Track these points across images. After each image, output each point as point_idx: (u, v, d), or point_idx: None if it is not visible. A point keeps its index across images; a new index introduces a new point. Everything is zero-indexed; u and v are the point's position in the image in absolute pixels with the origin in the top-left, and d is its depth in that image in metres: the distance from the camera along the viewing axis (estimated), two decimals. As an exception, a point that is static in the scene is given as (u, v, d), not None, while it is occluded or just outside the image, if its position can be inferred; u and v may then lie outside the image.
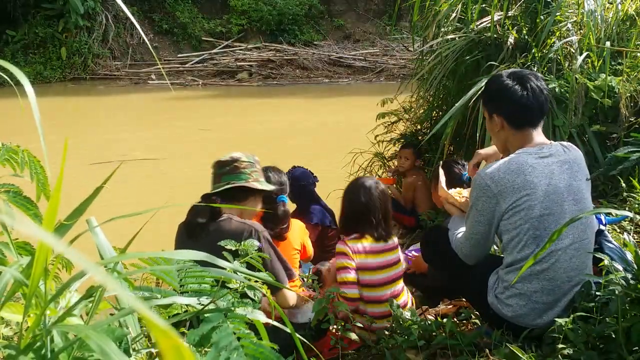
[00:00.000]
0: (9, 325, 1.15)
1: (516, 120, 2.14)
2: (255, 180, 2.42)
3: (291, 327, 1.11)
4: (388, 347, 2.20)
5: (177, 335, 0.50)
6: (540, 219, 2.03)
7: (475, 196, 2.13)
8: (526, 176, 2.04)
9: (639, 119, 3.66)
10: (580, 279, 2.08)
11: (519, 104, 2.12)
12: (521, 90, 2.12)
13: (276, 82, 15.50)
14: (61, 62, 15.27)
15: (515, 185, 2.04)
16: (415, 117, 4.73)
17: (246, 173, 2.41)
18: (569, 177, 2.09)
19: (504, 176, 2.06)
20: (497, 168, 2.09)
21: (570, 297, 2.07)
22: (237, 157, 2.44)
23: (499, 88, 2.17)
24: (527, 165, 2.06)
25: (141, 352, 1.09)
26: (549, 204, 2.04)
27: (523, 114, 2.14)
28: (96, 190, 1.09)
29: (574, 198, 2.08)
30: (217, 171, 2.45)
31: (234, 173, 2.40)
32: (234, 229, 2.25)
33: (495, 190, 2.06)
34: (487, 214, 2.10)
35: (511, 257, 2.09)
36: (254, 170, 2.44)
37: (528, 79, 2.14)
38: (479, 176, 2.12)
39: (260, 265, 1.38)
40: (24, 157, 1.57)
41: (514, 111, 2.14)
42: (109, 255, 1.11)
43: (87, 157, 7.26)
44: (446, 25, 4.28)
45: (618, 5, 3.87)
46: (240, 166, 2.41)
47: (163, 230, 2.65)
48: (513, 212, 2.05)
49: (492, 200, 2.07)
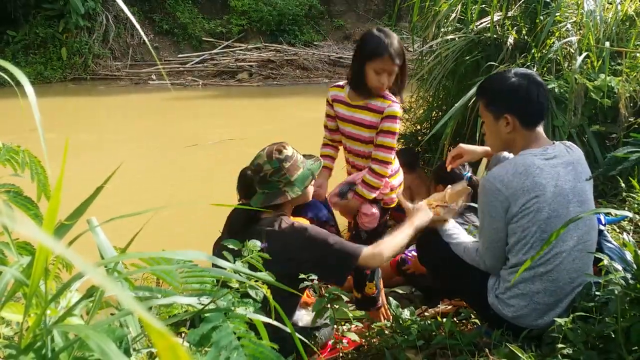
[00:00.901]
0: (9, 325, 1.16)
1: (530, 119, 2.12)
2: (285, 185, 2.32)
3: (291, 328, 1.12)
4: (388, 346, 2.21)
5: (173, 336, 0.51)
6: (547, 222, 2.03)
7: (487, 202, 2.10)
8: (535, 178, 2.03)
9: (638, 119, 3.66)
10: (582, 280, 2.08)
11: (536, 102, 2.10)
12: (536, 88, 2.10)
13: (276, 82, 15.50)
14: (62, 62, 15.27)
15: (525, 188, 2.03)
16: (415, 117, 4.73)
17: (274, 181, 2.31)
18: (574, 179, 2.09)
19: (512, 179, 2.05)
20: (504, 171, 2.07)
21: (572, 298, 2.07)
22: (261, 164, 2.33)
23: (511, 87, 2.14)
24: (535, 167, 2.05)
25: (141, 352, 1.09)
26: (556, 206, 2.04)
27: (538, 112, 2.13)
28: (96, 190, 1.10)
29: (578, 200, 2.08)
30: (248, 182, 2.36)
31: (265, 182, 2.32)
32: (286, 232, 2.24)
33: (506, 193, 2.05)
34: (502, 218, 2.08)
35: (516, 259, 2.08)
36: (282, 175, 2.31)
37: (535, 76, 2.14)
38: (487, 181, 2.10)
39: (261, 265, 1.38)
40: (25, 157, 1.57)
41: (529, 110, 2.12)
42: (110, 255, 1.11)
43: (87, 157, 7.26)
44: (446, 25, 4.28)
45: (617, 6, 3.87)
46: (267, 175, 2.31)
47: (163, 230, 2.65)
48: (522, 215, 2.04)
49: (505, 204, 2.06)
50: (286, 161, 2.33)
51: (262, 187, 2.33)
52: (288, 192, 2.32)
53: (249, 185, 2.36)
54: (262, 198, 2.31)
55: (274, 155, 2.33)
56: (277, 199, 2.30)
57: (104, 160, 7.23)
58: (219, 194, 5.70)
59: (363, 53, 2.55)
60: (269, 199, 2.31)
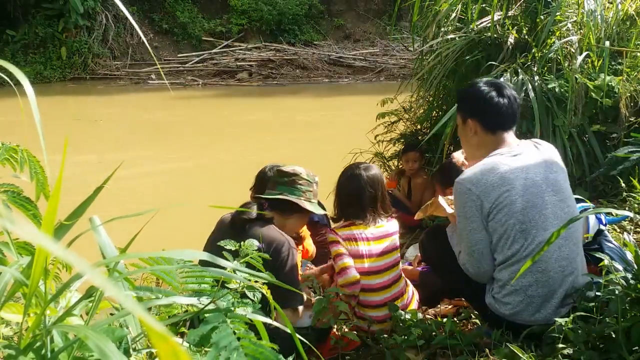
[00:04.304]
0: (9, 325, 1.15)
1: (491, 125, 2.23)
2: (307, 199, 2.45)
3: (291, 328, 1.11)
4: (388, 346, 2.21)
5: (173, 337, 0.50)
6: (523, 212, 2.08)
7: (461, 204, 2.17)
8: (502, 173, 2.11)
9: (639, 118, 3.66)
10: (573, 267, 2.11)
11: (495, 109, 2.22)
12: (497, 97, 2.22)
13: (276, 82, 15.49)
14: (61, 61, 15.26)
15: (494, 184, 2.10)
16: (415, 117, 4.72)
17: (301, 190, 2.44)
18: (545, 170, 2.16)
19: (481, 177, 2.12)
20: (473, 172, 2.16)
21: (566, 288, 2.09)
22: (299, 172, 2.47)
23: (476, 94, 2.28)
24: (502, 164, 2.13)
25: (141, 352, 1.09)
26: (530, 197, 2.10)
27: (498, 119, 2.23)
28: (96, 190, 1.09)
29: (552, 189, 2.14)
30: (275, 178, 2.50)
31: (290, 186, 2.44)
32: (269, 236, 2.28)
33: (476, 192, 2.11)
34: (478, 219, 2.13)
35: (502, 255, 2.12)
36: (309, 190, 2.46)
37: (503, 87, 2.26)
38: (458, 184, 2.18)
39: (261, 265, 1.38)
40: (24, 157, 1.57)
41: (489, 116, 2.23)
42: (112, 254, 1.11)
43: (87, 157, 7.26)
44: (446, 25, 4.28)
45: (618, 5, 3.86)
46: (298, 181, 2.44)
47: (163, 231, 2.65)
48: (497, 210, 2.09)
49: (477, 203, 2.12)
50: (316, 185, 2.54)
51: (284, 189, 2.43)
52: (305, 202, 2.43)
53: (272, 181, 2.50)
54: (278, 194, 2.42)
55: (311, 174, 2.52)
56: (296, 200, 2.42)
57: (103, 160, 7.23)
58: (218, 194, 5.70)
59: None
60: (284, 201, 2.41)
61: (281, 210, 2.42)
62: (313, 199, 2.49)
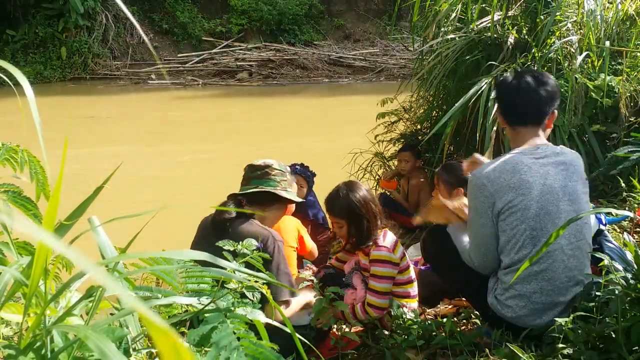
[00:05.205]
0: (9, 325, 1.15)
1: (511, 118, 2.19)
2: (283, 189, 2.46)
3: (291, 328, 1.11)
4: (388, 346, 2.20)
5: (176, 335, 0.50)
6: (536, 219, 2.03)
7: (473, 196, 2.14)
8: (522, 175, 2.06)
9: (639, 118, 3.66)
10: (580, 279, 2.07)
11: (510, 101, 2.18)
12: (515, 88, 2.16)
13: (276, 82, 15.50)
14: (61, 61, 15.27)
15: (510, 185, 2.05)
16: (415, 117, 4.72)
17: (276, 180, 2.46)
18: (564, 178, 2.10)
19: (499, 175, 2.08)
20: (492, 168, 2.11)
21: (570, 298, 2.06)
22: (269, 163, 2.49)
23: (498, 84, 2.26)
24: (523, 165, 2.07)
25: (141, 352, 1.09)
26: (545, 203, 2.05)
27: (514, 112, 2.18)
28: (96, 190, 1.09)
29: (569, 198, 2.08)
30: (248, 174, 2.50)
31: (263, 178, 2.45)
32: (252, 232, 2.27)
33: (491, 189, 2.07)
34: (488, 215, 2.10)
35: (509, 259, 2.09)
36: (283, 179, 2.48)
37: (525, 76, 2.17)
38: (474, 177, 2.14)
39: (261, 265, 1.38)
40: (24, 157, 1.57)
41: (510, 108, 2.20)
42: (111, 255, 1.11)
43: (87, 157, 7.26)
44: (446, 25, 4.28)
45: (618, 5, 3.87)
46: (271, 172, 2.46)
47: (163, 231, 2.65)
48: (509, 213, 2.05)
49: (490, 200, 2.08)
50: (290, 174, 2.56)
51: (258, 182, 2.44)
52: (282, 191, 2.45)
53: (245, 177, 2.49)
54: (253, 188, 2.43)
55: (282, 164, 2.53)
56: (273, 190, 2.44)
57: (103, 160, 7.23)
58: (218, 194, 5.69)
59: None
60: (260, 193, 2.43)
61: (259, 203, 2.42)
62: (289, 187, 2.51)
